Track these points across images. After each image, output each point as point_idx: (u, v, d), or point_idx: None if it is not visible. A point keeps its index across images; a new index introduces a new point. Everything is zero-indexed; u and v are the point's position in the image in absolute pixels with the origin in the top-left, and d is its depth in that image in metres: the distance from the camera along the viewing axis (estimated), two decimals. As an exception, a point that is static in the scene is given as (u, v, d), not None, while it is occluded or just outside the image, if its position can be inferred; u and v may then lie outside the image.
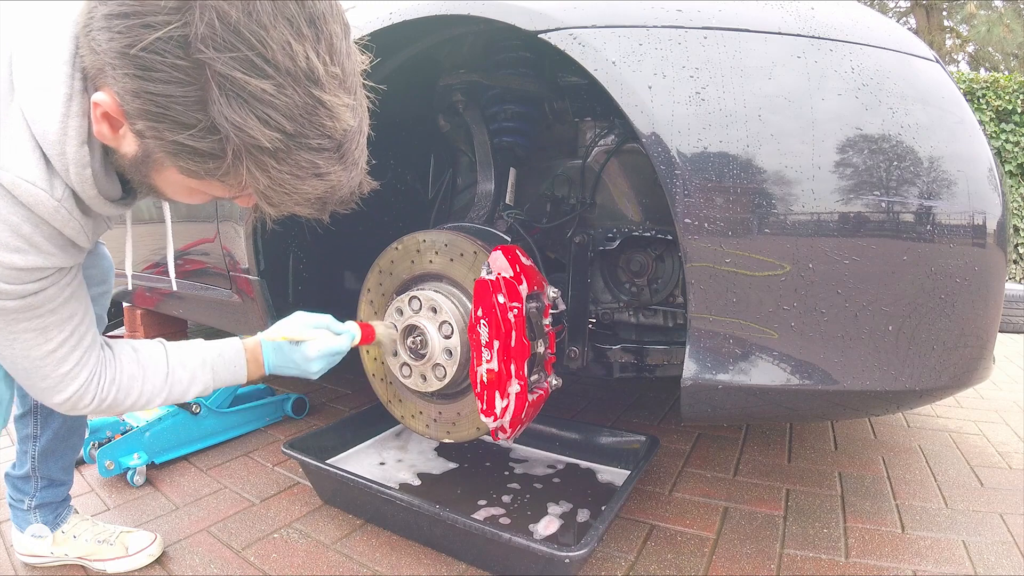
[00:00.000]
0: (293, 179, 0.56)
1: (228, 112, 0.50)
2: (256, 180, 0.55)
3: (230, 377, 0.87)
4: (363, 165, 0.63)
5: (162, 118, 0.51)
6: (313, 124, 0.53)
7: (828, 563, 1.06)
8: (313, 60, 0.52)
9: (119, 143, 0.57)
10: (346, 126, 0.56)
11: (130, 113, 0.52)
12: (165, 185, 0.62)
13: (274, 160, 0.53)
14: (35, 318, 0.66)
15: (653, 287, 1.35)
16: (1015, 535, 1.16)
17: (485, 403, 1.03)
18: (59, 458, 1.03)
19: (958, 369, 0.91)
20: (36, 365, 0.69)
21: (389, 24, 1.06)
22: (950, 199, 0.83)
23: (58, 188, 0.60)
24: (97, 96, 0.53)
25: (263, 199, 0.58)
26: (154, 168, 0.59)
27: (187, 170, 0.56)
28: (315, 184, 0.57)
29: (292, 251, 1.39)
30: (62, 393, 0.72)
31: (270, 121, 0.51)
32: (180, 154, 0.54)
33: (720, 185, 0.83)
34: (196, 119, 0.50)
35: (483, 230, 1.21)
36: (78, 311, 0.72)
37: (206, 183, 0.59)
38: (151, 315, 2.29)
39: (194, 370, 0.83)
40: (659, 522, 1.21)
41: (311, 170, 0.56)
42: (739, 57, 0.84)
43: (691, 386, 0.89)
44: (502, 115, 1.32)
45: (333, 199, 0.61)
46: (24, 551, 1.04)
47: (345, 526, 1.19)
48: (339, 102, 0.55)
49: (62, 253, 0.65)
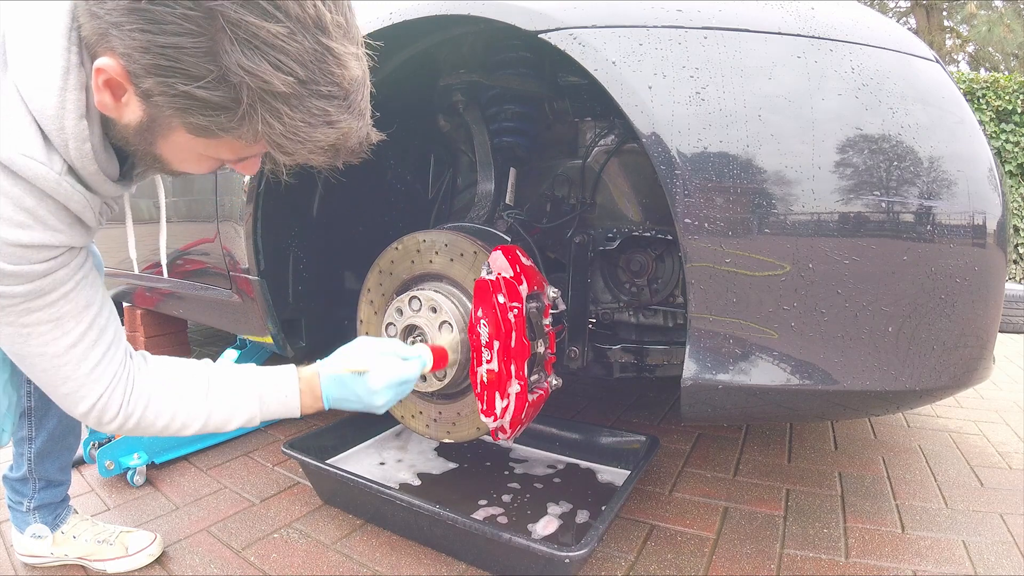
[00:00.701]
0: (306, 127, 0.56)
1: (240, 59, 0.50)
2: (271, 128, 0.54)
3: (281, 409, 0.80)
4: (369, 116, 0.63)
5: (173, 72, 0.50)
6: (323, 71, 0.54)
7: (828, 563, 1.06)
8: (320, 7, 0.52)
9: (121, 112, 0.56)
10: (353, 74, 0.57)
11: (136, 73, 0.52)
12: (172, 152, 0.61)
13: (287, 107, 0.54)
14: (47, 306, 0.63)
15: (653, 287, 1.35)
16: (1015, 535, 1.16)
17: (485, 403, 1.03)
18: (56, 459, 1.03)
19: (958, 369, 0.91)
20: (55, 364, 0.65)
21: (389, 24, 1.06)
22: (950, 199, 0.83)
23: (56, 163, 0.59)
24: (100, 61, 0.52)
25: (277, 149, 0.57)
26: (160, 133, 0.58)
27: (198, 127, 0.55)
28: (327, 132, 0.57)
29: (292, 251, 1.39)
30: (86, 399, 0.68)
31: (282, 66, 0.51)
32: (191, 109, 0.53)
33: (720, 185, 0.83)
34: (208, 69, 0.50)
35: (483, 230, 1.21)
36: (94, 300, 0.68)
37: (216, 143, 0.58)
38: (151, 315, 2.28)
39: (239, 400, 0.77)
40: (659, 522, 1.21)
41: (323, 117, 0.56)
42: (739, 57, 0.84)
43: (691, 386, 0.89)
44: (502, 115, 1.32)
45: (344, 147, 0.61)
46: (24, 551, 1.04)
47: (345, 526, 1.19)
48: (345, 50, 0.55)
49: (69, 230, 0.62)
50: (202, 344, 2.85)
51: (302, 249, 1.41)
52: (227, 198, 1.35)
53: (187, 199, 1.55)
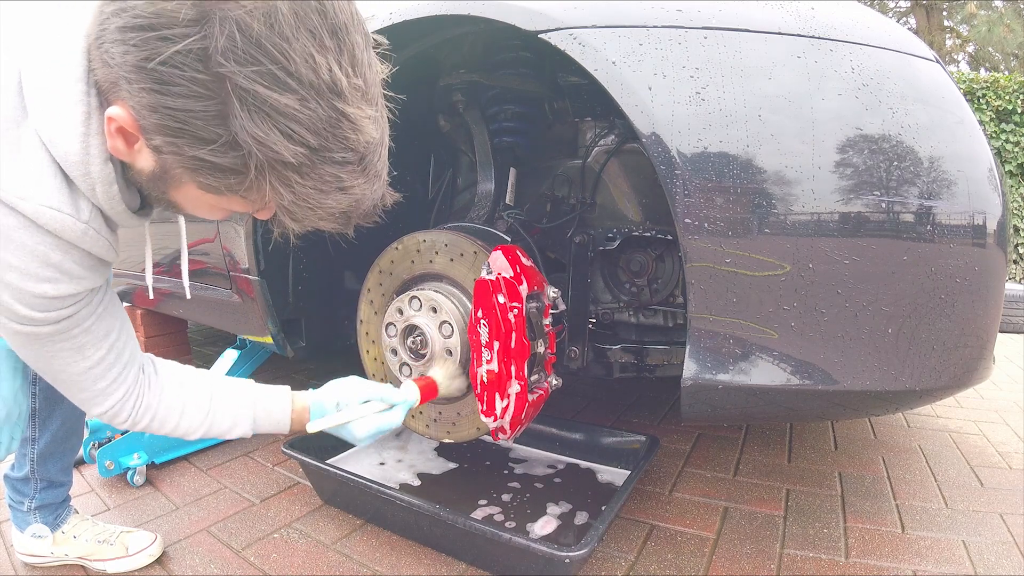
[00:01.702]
0: (317, 193, 0.54)
1: (250, 127, 0.48)
2: (280, 196, 0.54)
3: (271, 429, 0.88)
4: (385, 177, 0.61)
5: (181, 133, 0.50)
6: (337, 138, 0.52)
7: (828, 563, 1.06)
8: (336, 72, 0.50)
9: (134, 158, 0.56)
10: (369, 138, 0.55)
11: (147, 128, 0.51)
12: (184, 201, 0.61)
13: (298, 175, 0.52)
14: (70, 339, 0.67)
15: (653, 287, 1.35)
16: (1015, 535, 1.16)
17: (485, 403, 1.03)
18: (58, 460, 1.03)
19: (958, 369, 0.91)
20: (74, 380, 0.71)
21: (389, 24, 1.06)
22: (950, 199, 0.83)
23: (84, 210, 0.59)
24: (112, 111, 0.51)
25: (287, 215, 0.57)
26: (172, 184, 0.58)
27: (207, 186, 0.55)
28: (339, 198, 0.56)
29: (292, 251, 1.39)
30: (100, 406, 0.74)
31: (294, 136, 0.50)
32: (200, 170, 0.52)
33: (720, 185, 0.83)
34: (216, 134, 0.49)
35: (483, 230, 1.21)
36: (113, 328, 0.72)
37: (227, 199, 0.57)
38: (151, 315, 2.28)
39: (237, 417, 0.84)
40: (659, 522, 1.21)
41: (335, 184, 0.54)
42: (739, 57, 0.84)
43: (691, 386, 0.89)
44: (502, 115, 1.32)
45: (357, 212, 0.59)
46: (24, 551, 1.04)
47: (345, 526, 1.19)
48: (362, 114, 0.53)
49: (92, 274, 0.64)
50: (202, 344, 2.85)
51: (302, 249, 1.41)
52: (227, 198, 1.35)
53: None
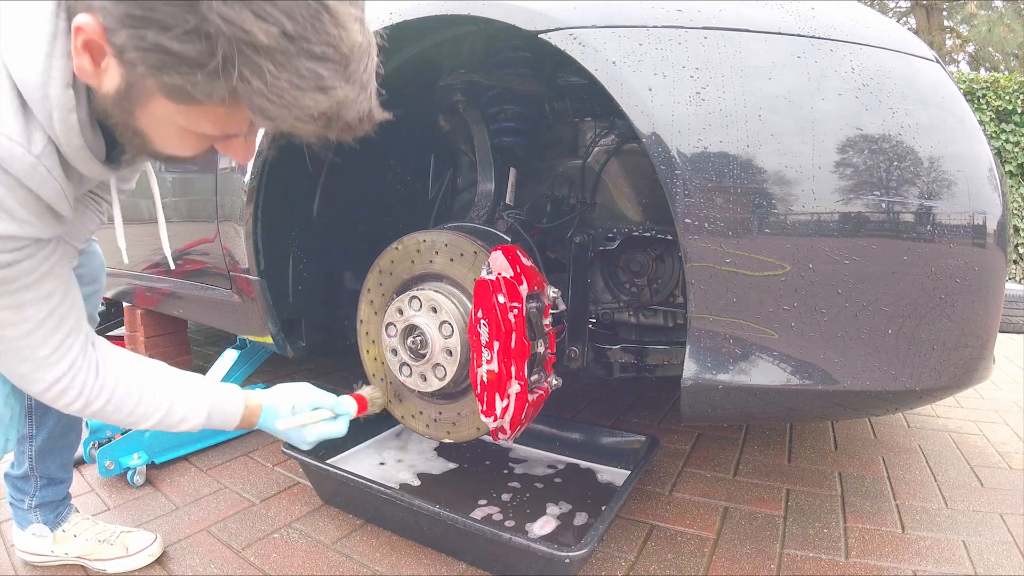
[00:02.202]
0: (293, 89, 0.50)
1: (220, 7, 0.45)
2: (249, 86, 0.49)
3: (220, 425, 0.89)
4: (373, 90, 0.57)
5: (147, 22, 0.46)
6: (316, 29, 0.49)
7: (828, 563, 1.06)
8: None
9: (101, 79, 0.53)
10: (354, 39, 0.52)
11: (111, 28, 0.48)
12: (152, 126, 0.57)
13: (271, 63, 0.48)
14: (7, 295, 0.62)
15: (653, 287, 1.35)
16: (1015, 535, 1.16)
17: (485, 404, 1.03)
18: (57, 456, 1.03)
19: (958, 369, 0.91)
20: (13, 346, 0.66)
21: (389, 24, 1.06)
22: (950, 199, 0.83)
23: (37, 142, 0.56)
24: (79, 19, 0.49)
25: (259, 112, 0.51)
26: (139, 101, 0.54)
27: (173, 88, 0.50)
28: (318, 98, 0.51)
29: (292, 251, 1.39)
30: (41, 381, 0.69)
31: (266, 16, 0.46)
32: (165, 66, 0.48)
33: (720, 185, 0.83)
34: (183, 19, 0.46)
35: (483, 230, 1.21)
36: (57, 290, 0.67)
37: (195, 111, 0.54)
38: (151, 315, 2.28)
39: (190, 410, 0.83)
40: (659, 522, 1.21)
41: (314, 81, 0.50)
42: (739, 57, 0.84)
43: (691, 386, 0.89)
44: (502, 115, 1.31)
45: (339, 119, 0.55)
46: (24, 549, 1.04)
47: (345, 526, 1.19)
48: (345, 11, 0.50)
49: (38, 221, 0.60)
50: (202, 344, 2.85)
51: (302, 249, 1.41)
52: (227, 198, 1.35)
53: (187, 199, 1.55)
